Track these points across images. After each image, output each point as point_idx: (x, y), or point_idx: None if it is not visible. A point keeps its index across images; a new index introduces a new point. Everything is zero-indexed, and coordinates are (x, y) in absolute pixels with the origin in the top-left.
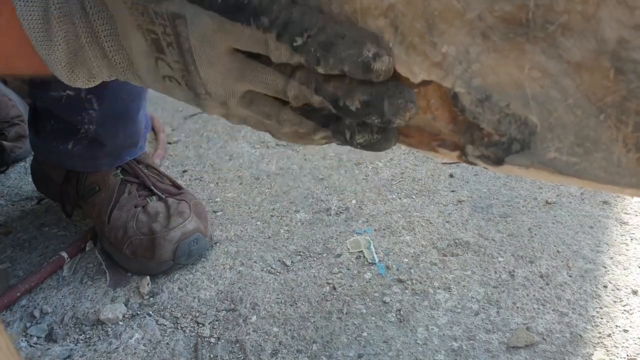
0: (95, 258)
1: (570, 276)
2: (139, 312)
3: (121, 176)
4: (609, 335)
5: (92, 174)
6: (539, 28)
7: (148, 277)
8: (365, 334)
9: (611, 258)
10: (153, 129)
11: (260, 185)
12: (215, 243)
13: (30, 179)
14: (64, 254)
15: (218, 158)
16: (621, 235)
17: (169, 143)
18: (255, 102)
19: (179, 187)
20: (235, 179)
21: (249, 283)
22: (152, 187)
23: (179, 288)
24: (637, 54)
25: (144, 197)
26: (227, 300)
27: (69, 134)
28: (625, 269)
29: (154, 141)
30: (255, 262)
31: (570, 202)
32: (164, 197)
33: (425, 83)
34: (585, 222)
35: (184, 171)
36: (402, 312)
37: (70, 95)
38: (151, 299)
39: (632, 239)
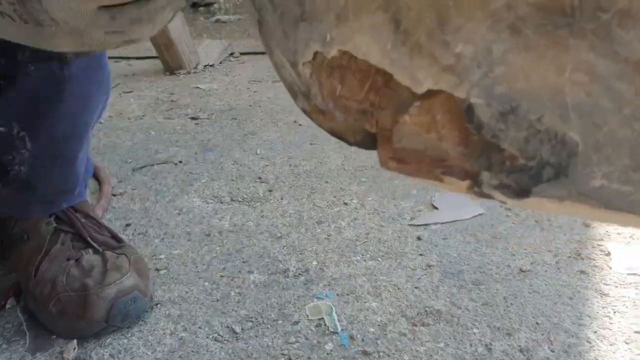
0: (16, 317)
1: (552, 351)
2: None
3: (54, 224)
4: None
5: (22, 221)
6: (588, 17)
7: (75, 341)
8: None
9: (595, 332)
10: (97, 179)
11: (211, 242)
12: (156, 304)
13: None
14: None
15: (166, 212)
16: (603, 308)
17: (114, 195)
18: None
19: (119, 240)
20: (183, 235)
21: (192, 351)
22: (89, 239)
23: (110, 354)
24: None
25: (78, 249)
26: None
27: None
28: (611, 345)
29: (97, 192)
30: (200, 327)
31: (546, 271)
32: (101, 250)
33: (430, 94)
34: (564, 292)
35: (127, 225)
36: None
37: (1, 131)
38: None
39: (615, 312)
